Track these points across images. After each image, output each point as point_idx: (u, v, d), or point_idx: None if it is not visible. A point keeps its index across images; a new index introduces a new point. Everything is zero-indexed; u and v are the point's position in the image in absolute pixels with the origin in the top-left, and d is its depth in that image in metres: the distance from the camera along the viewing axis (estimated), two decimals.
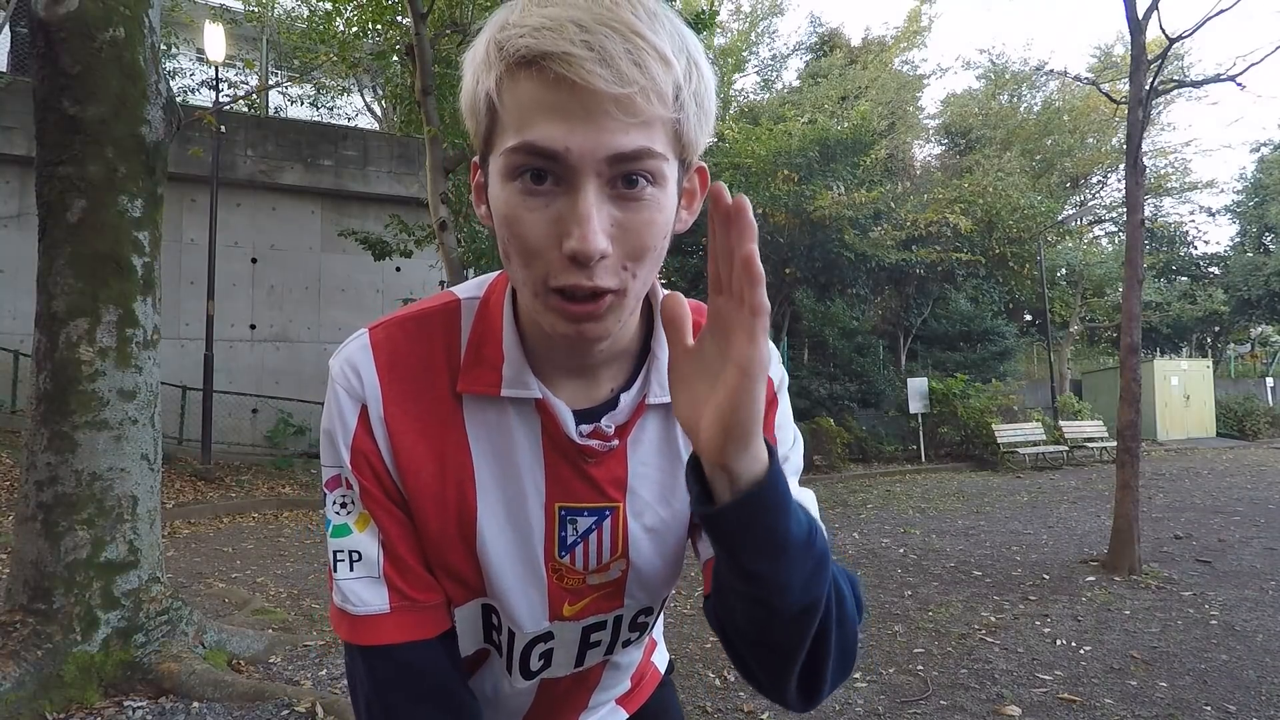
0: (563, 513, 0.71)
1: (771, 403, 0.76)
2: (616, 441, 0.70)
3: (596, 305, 0.58)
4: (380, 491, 0.69)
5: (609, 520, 0.72)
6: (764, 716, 3.19)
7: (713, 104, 0.61)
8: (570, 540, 0.72)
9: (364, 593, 0.69)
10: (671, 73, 0.55)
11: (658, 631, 0.87)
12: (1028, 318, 21.90)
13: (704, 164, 0.64)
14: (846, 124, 16.46)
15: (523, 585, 0.72)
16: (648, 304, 0.71)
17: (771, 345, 0.72)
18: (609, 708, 0.91)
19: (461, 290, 0.74)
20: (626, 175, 0.56)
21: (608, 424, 0.69)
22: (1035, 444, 14.04)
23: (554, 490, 0.71)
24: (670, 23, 0.57)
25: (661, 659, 0.98)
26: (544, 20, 0.53)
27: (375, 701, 0.70)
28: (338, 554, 0.70)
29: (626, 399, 0.70)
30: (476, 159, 0.64)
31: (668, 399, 0.66)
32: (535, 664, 0.78)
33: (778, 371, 0.77)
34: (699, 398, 0.55)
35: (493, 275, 0.74)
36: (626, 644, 0.81)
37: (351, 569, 0.69)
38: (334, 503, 0.70)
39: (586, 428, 0.69)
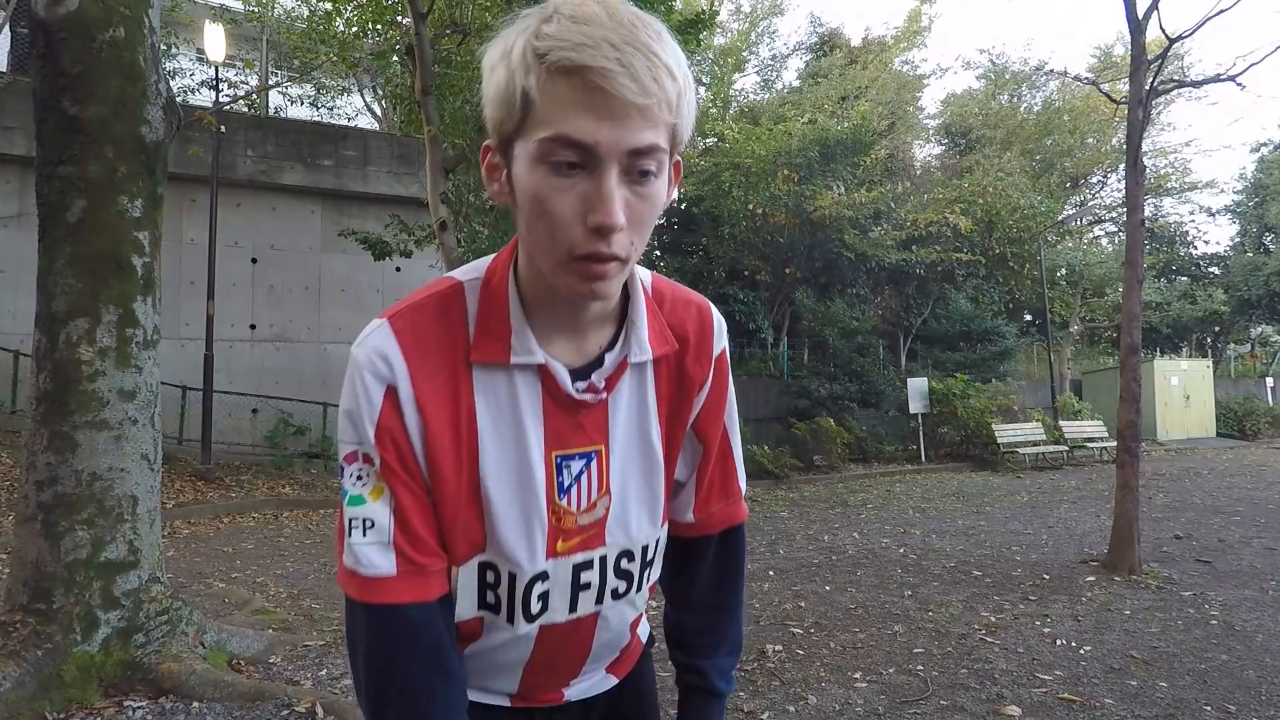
0: (558, 459, 0.81)
1: (724, 379, 0.92)
2: (606, 394, 0.82)
3: (609, 268, 0.69)
4: (400, 465, 0.77)
5: (594, 462, 0.84)
6: (764, 717, 3.19)
7: (695, 108, 0.73)
8: (567, 483, 0.82)
9: (374, 556, 0.76)
10: (676, 86, 0.67)
11: (641, 602, 0.95)
12: (1028, 318, 21.88)
13: (680, 157, 0.76)
14: (846, 124, 16.44)
15: (525, 528, 0.81)
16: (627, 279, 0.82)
17: (719, 317, 0.93)
18: (601, 675, 0.99)
19: (462, 274, 0.83)
20: (639, 167, 0.67)
21: (598, 379, 0.81)
22: (1035, 444, 14.04)
23: (551, 440, 0.81)
24: (670, 43, 0.68)
25: (644, 631, 1.08)
26: (583, 38, 0.64)
27: (375, 656, 0.78)
28: (352, 520, 0.77)
29: (611, 357, 0.82)
30: (491, 143, 0.74)
31: (643, 358, 0.83)
32: (535, 606, 0.84)
33: (722, 343, 0.92)
34: None
35: (487, 260, 0.83)
36: (616, 594, 0.89)
37: (364, 535, 0.77)
38: (351, 475, 0.78)
39: (581, 384, 0.80)
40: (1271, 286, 23.08)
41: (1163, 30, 6.03)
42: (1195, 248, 26.39)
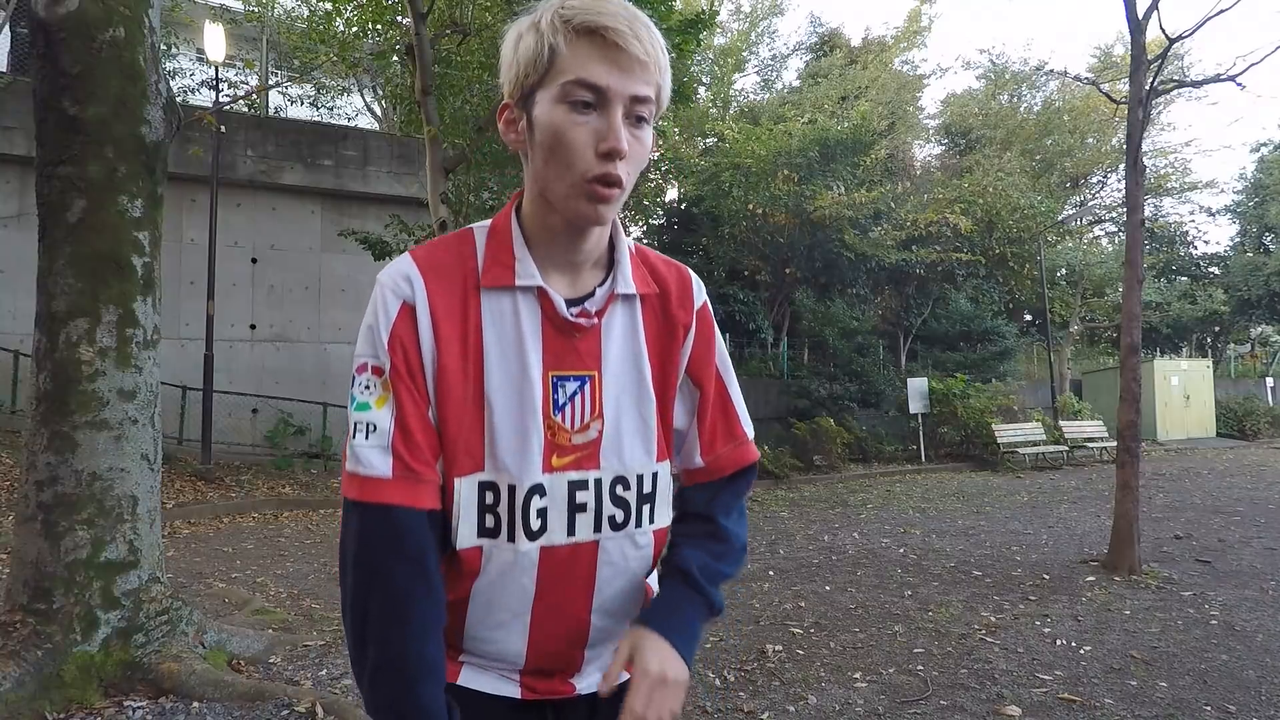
0: (554, 379, 0.92)
1: (709, 327, 1.03)
2: (597, 320, 0.93)
3: (613, 192, 0.84)
4: (407, 372, 0.87)
5: (588, 386, 0.93)
6: (764, 717, 3.19)
7: (670, 86, 0.91)
8: (561, 402, 0.92)
9: (373, 458, 0.85)
10: (665, 58, 0.87)
11: (645, 544, 0.98)
12: (1028, 318, 21.88)
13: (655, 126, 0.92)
14: (846, 124, 16.44)
15: (523, 437, 0.89)
16: (613, 230, 0.96)
17: (697, 278, 1.06)
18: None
19: (474, 225, 0.97)
20: (637, 113, 0.85)
21: (590, 306, 0.93)
22: (1035, 444, 14.03)
23: (549, 360, 0.91)
24: (658, 31, 0.87)
25: None
26: (602, 8, 0.83)
27: (362, 556, 0.85)
28: (357, 424, 0.87)
29: (601, 290, 0.94)
30: (509, 101, 0.90)
31: (629, 290, 0.95)
32: (534, 522, 0.91)
33: (702, 297, 1.03)
34: None
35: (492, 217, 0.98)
36: (614, 524, 0.95)
37: (366, 437, 0.86)
38: (360, 385, 0.88)
39: (575, 309, 0.92)
40: (1271, 286, 23.07)
41: (1163, 30, 6.04)
42: (1195, 248, 26.38)
